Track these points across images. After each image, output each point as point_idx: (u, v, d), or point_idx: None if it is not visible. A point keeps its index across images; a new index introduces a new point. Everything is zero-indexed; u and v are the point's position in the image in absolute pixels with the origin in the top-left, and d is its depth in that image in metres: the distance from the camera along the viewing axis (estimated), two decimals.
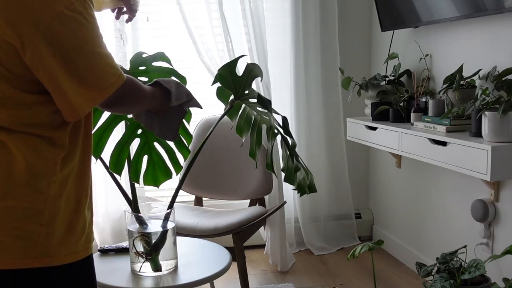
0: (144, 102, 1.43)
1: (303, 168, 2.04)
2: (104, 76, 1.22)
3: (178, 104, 1.55)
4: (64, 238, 1.29)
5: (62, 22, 1.16)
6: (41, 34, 1.15)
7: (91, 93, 1.21)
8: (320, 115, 3.55)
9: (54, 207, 1.26)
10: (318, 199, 3.59)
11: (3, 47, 1.17)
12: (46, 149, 1.25)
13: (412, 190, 3.24)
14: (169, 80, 1.53)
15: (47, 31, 1.15)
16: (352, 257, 1.95)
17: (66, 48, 1.17)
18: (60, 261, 1.28)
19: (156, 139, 2.07)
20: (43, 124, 1.24)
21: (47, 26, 1.15)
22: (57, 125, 1.26)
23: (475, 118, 2.29)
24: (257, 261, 3.45)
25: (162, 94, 1.50)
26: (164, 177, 2.10)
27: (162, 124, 1.58)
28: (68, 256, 1.30)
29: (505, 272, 2.42)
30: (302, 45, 3.45)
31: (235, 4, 3.25)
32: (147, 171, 2.09)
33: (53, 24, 1.15)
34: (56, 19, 1.15)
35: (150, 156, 2.08)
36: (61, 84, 1.19)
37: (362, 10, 3.65)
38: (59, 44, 1.16)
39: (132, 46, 3.40)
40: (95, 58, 1.21)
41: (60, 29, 1.15)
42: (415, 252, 3.22)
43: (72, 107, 1.22)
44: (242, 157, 3.09)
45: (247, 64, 2.05)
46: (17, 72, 1.19)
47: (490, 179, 2.15)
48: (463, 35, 2.66)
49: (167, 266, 2.11)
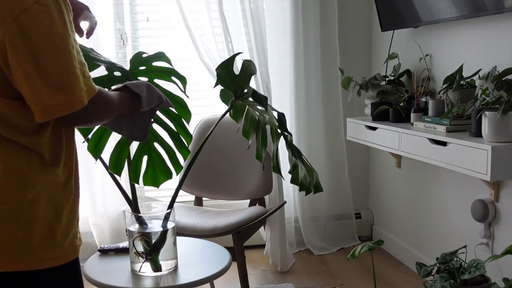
0: (112, 114, 1.37)
1: (306, 167, 2.04)
2: (75, 81, 1.19)
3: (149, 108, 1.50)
4: (44, 243, 1.27)
5: (30, 16, 1.14)
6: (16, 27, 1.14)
7: (64, 97, 1.18)
8: (320, 115, 3.55)
9: (31, 211, 1.24)
10: (318, 199, 3.59)
11: None
12: (21, 153, 1.23)
13: (412, 190, 3.24)
14: (139, 84, 1.47)
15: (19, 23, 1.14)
16: (352, 257, 1.95)
17: (36, 43, 1.15)
18: (41, 265, 1.27)
19: (156, 139, 2.07)
20: (19, 129, 1.22)
21: (16, 18, 1.14)
22: (31, 131, 1.24)
23: (475, 118, 2.29)
24: (257, 261, 3.45)
25: (132, 99, 1.44)
26: (164, 177, 2.09)
27: (131, 126, 1.52)
28: (49, 261, 1.28)
29: (505, 272, 2.42)
30: (302, 45, 3.45)
31: (235, 4, 3.25)
32: (147, 171, 2.08)
33: (21, 17, 1.14)
34: (24, 13, 1.14)
35: (150, 156, 2.07)
36: (31, 82, 1.16)
37: (362, 10, 3.64)
38: (30, 38, 1.14)
39: (132, 46, 3.40)
40: (64, 58, 1.18)
41: (28, 24, 1.14)
42: (415, 252, 3.22)
43: (40, 105, 1.18)
44: (242, 157, 3.09)
45: (243, 61, 2.04)
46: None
47: (490, 179, 2.15)
48: (463, 35, 2.66)
49: (167, 266, 2.10)
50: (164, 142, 2.08)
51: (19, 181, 1.23)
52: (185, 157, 2.09)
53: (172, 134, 2.07)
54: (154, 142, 2.07)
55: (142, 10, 3.42)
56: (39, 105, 1.18)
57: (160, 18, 3.44)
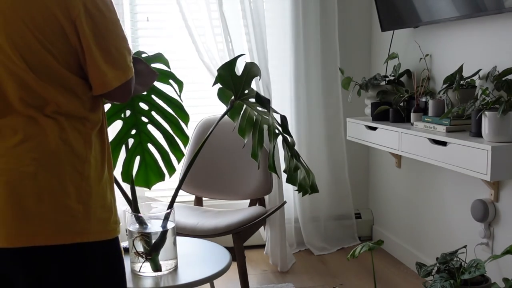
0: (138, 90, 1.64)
1: (304, 168, 2.04)
2: (125, 59, 1.40)
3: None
4: (98, 217, 1.39)
5: (94, 4, 1.35)
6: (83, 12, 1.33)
7: (117, 71, 1.38)
8: (320, 115, 3.55)
9: (88, 185, 1.37)
10: (318, 199, 3.59)
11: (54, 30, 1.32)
12: (83, 131, 1.39)
13: (412, 190, 3.24)
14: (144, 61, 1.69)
15: (86, 9, 1.33)
16: (352, 257, 1.95)
17: (99, 27, 1.35)
18: (95, 237, 1.38)
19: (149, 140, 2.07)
20: (78, 110, 1.39)
21: (84, 4, 1.33)
22: (88, 110, 1.40)
23: (475, 118, 2.29)
24: (257, 261, 3.45)
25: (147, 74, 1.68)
26: (156, 179, 2.09)
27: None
28: (102, 234, 1.40)
29: (505, 272, 2.42)
30: (302, 45, 3.45)
31: (235, 4, 3.25)
32: (138, 171, 2.08)
33: (88, 4, 1.34)
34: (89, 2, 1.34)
35: (143, 157, 2.07)
36: (95, 57, 1.35)
37: (362, 10, 3.64)
38: (93, 21, 1.34)
39: (132, 46, 3.40)
40: (120, 41, 1.40)
41: (94, 10, 1.34)
42: (415, 252, 3.22)
43: (100, 79, 1.37)
44: (242, 157, 3.09)
45: (245, 63, 2.05)
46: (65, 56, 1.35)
47: (490, 179, 2.15)
48: (463, 35, 2.66)
49: (167, 266, 2.11)
50: (158, 144, 2.08)
51: (81, 158, 1.37)
52: (179, 159, 2.09)
53: (167, 135, 2.07)
54: (148, 143, 2.07)
55: (142, 10, 3.42)
56: (100, 79, 1.37)
57: (160, 18, 3.44)
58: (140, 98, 2.05)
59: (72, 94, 1.37)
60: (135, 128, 2.05)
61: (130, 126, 2.05)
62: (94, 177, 1.39)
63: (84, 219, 1.36)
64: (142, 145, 2.06)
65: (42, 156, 1.32)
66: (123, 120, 2.06)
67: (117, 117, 2.07)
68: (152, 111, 2.05)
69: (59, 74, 1.35)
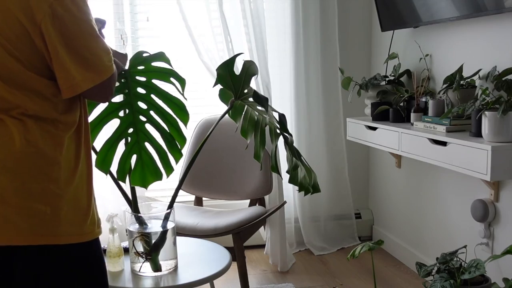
0: None
1: (305, 167, 2.04)
2: (100, 59, 1.36)
3: None
4: (70, 219, 1.36)
5: (62, 5, 1.30)
6: (50, 14, 1.29)
7: (90, 73, 1.34)
8: (320, 115, 3.55)
9: (57, 188, 1.34)
10: (318, 199, 3.59)
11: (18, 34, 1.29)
12: (53, 133, 1.35)
13: (412, 190, 3.24)
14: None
15: (53, 10, 1.29)
16: (352, 257, 1.95)
17: (68, 28, 1.31)
18: (66, 240, 1.36)
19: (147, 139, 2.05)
20: (49, 112, 1.35)
21: (50, 5, 1.29)
22: (60, 112, 1.37)
23: (475, 118, 2.29)
24: (257, 261, 3.45)
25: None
26: (153, 178, 2.06)
27: None
28: (74, 237, 1.37)
29: (505, 272, 2.42)
30: (302, 45, 3.45)
31: (235, 4, 3.25)
32: (135, 171, 2.05)
33: (54, 5, 1.29)
34: (57, 1, 1.29)
35: (140, 156, 2.04)
36: (62, 60, 1.31)
37: (362, 10, 3.64)
38: (61, 23, 1.30)
39: (132, 46, 3.40)
40: (92, 41, 1.35)
41: (60, 11, 1.29)
42: (415, 252, 3.22)
43: (68, 82, 1.33)
44: (242, 157, 3.09)
45: (244, 62, 2.04)
46: (31, 59, 1.32)
47: (490, 179, 2.15)
48: (463, 35, 2.66)
49: (167, 266, 2.11)
50: (156, 143, 2.06)
51: (49, 159, 1.34)
52: (177, 160, 2.07)
53: (165, 135, 2.05)
54: (145, 142, 2.05)
55: (142, 10, 3.42)
56: (68, 82, 1.33)
57: (160, 18, 3.44)
58: (140, 97, 2.04)
59: (41, 97, 1.34)
60: (133, 127, 2.03)
61: (127, 124, 2.03)
62: (65, 179, 1.36)
63: (52, 221, 1.33)
64: (139, 143, 2.04)
65: (6, 157, 1.30)
66: (121, 119, 2.05)
67: (115, 116, 2.05)
68: (150, 110, 2.04)
69: (26, 77, 1.32)
